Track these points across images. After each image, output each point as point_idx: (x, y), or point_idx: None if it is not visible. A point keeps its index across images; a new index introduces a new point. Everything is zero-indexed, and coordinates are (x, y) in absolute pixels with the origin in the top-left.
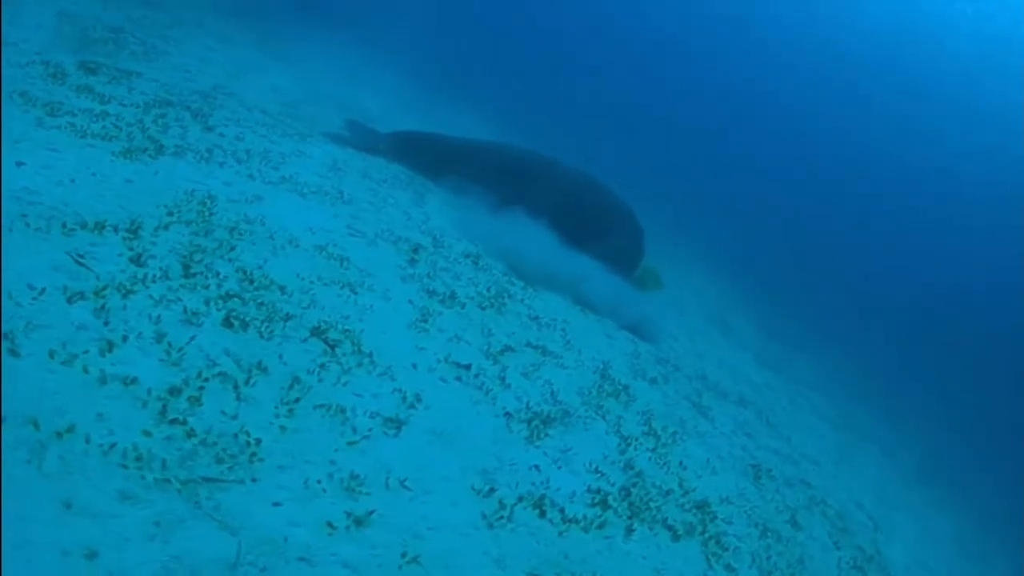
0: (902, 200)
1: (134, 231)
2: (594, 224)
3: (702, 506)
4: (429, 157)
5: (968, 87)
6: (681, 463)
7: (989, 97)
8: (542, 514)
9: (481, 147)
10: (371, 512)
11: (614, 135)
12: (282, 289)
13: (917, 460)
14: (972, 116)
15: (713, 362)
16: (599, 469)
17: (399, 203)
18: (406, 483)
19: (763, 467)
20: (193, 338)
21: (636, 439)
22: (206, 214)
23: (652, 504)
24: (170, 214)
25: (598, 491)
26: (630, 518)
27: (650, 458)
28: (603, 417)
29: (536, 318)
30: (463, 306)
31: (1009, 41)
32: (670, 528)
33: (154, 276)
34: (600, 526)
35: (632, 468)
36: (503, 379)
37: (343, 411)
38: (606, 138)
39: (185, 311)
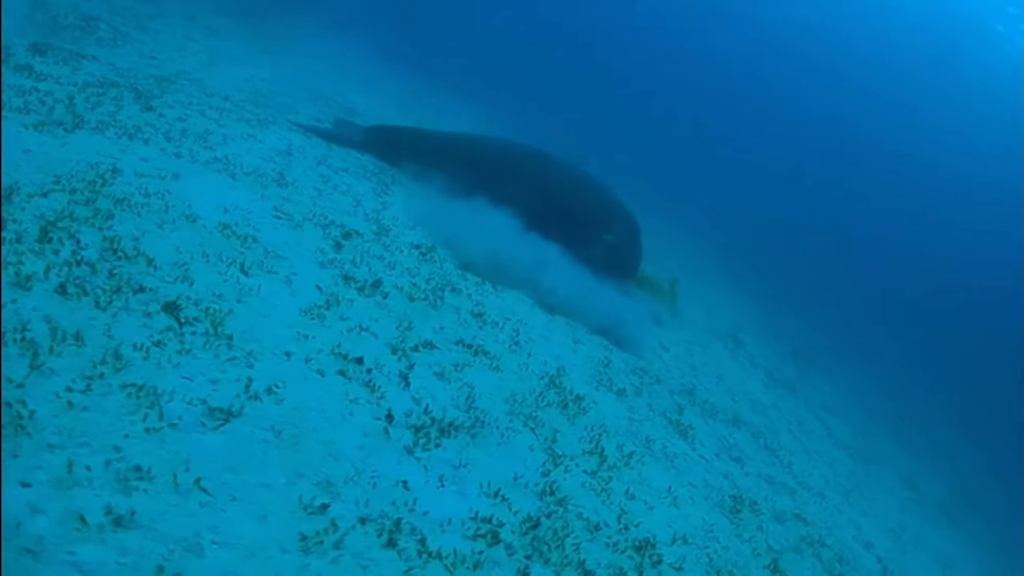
0: (925, 206)
1: (7, 196)
2: (584, 221)
3: (643, 546)
4: (406, 150)
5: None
6: (628, 491)
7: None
8: (391, 543)
9: (463, 140)
10: (133, 512)
11: (626, 138)
12: (150, 262)
13: (943, 491)
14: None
15: (710, 377)
16: (501, 492)
17: (353, 191)
18: (203, 484)
19: (746, 498)
20: (13, 301)
21: (572, 459)
22: (99, 185)
23: (568, 541)
24: (57, 183)
25: (488, 519)
26: (527, 558)
27: (586, 483)
28: (533, 430)
29: (481, 315)
30: (385, 296)
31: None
32: (587, 573)
33: (4, 239)
34: (476, 565)
35: (553, 494)
36: (404, 378)
37: (156, 393)
38: (620, 142)
39: (17, 274)
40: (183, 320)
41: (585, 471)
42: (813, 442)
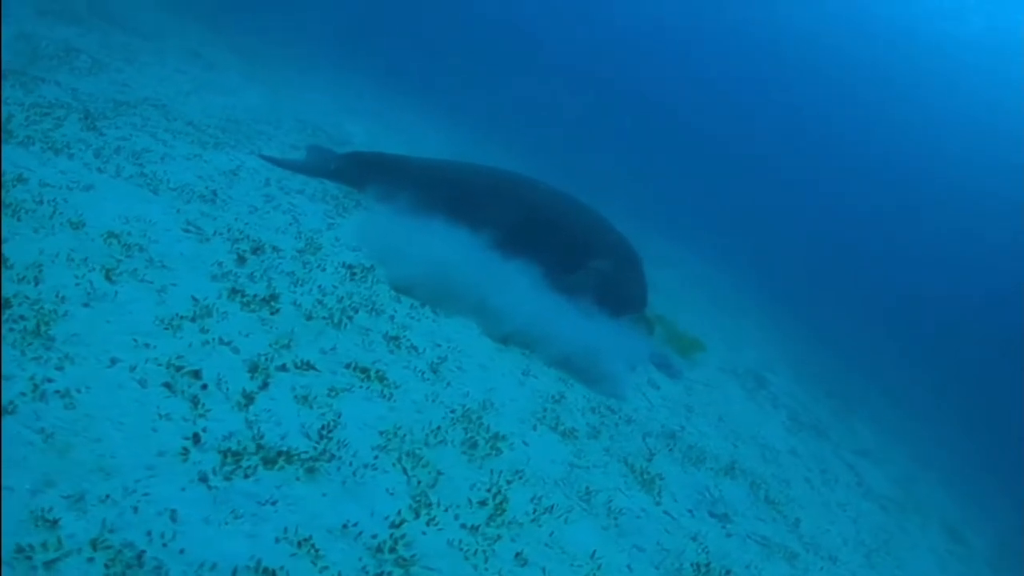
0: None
1: None
2: (570, 248)
3: None
4: (382, 175)
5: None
6: (520, 554)
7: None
8: None
9: (444, 165)
10: None
11: (627, 157)
12: (5, 261)
13: (994, 546)
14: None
15: (707, 419)
16: (312, 541)
17: (297, 210)
18: None
19: (717, 567)
20: None
21: (449, 509)
22: None
23: None
24: None
25: (272, 572)
26: None
27: (457, 541)
28: (406, 470)
29: (397, 339)
30: (275, 312)
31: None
32: None
33: None
34: None
35: (394, 550)
36: (249, 398)
37: None
38: (621, 161)
39: None
40: (7, 317)
41: (464, 526)
42: (836, 493)
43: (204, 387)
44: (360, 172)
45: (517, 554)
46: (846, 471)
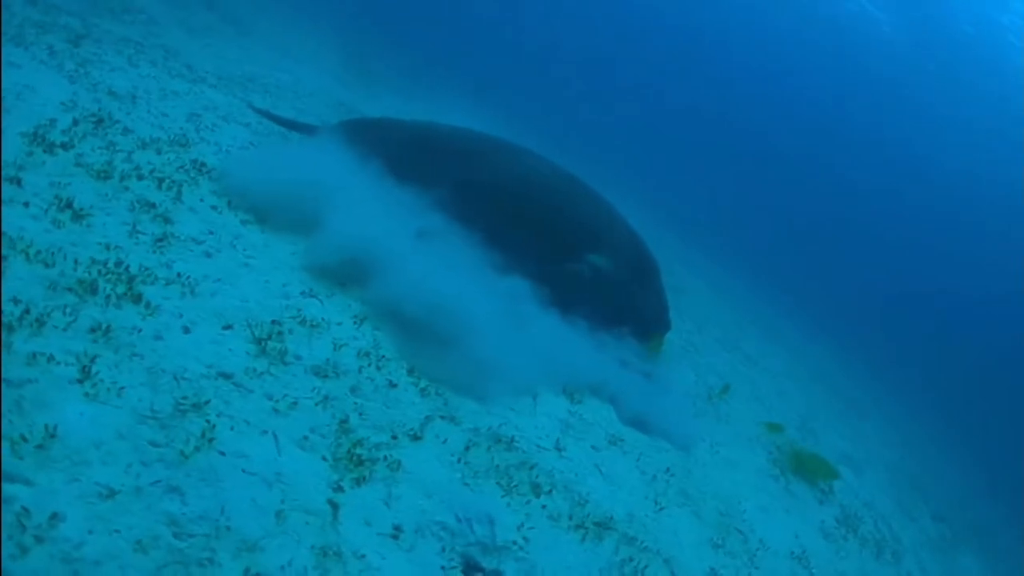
0: None
1: None
2: (560, 237)
3: None
4: (366, 137)
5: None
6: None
7: None
8: None
9: (428, 126)
10: None
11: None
12: None
13: None
14: None
15: (642, 467)
16: None
17: (213, 129)
18: None
19: None
20: None
21: None
22: None
23: None
24: None
25: None
26: None
27: None
28: None
29: (152, 205)
30: (49, 152)
31: None
32: None
33: None
34: None
35: None
36: None
37: None
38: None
39: None
40: None
41: None
42: None
43: None
44: (349, 134)
45: None
46: None
